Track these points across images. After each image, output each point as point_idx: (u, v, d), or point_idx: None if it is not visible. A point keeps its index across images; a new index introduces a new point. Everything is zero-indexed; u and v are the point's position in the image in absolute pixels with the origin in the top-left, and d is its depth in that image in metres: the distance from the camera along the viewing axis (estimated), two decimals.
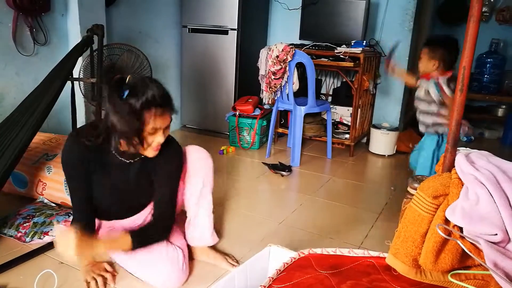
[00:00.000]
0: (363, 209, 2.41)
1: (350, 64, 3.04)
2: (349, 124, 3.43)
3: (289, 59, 2.86)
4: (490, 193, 0.83)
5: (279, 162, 3.03)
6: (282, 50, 2.86)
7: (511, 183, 0.84)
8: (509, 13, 4.26)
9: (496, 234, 0.80)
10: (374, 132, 3.46)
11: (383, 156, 3.44)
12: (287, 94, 3.05)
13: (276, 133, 3.69)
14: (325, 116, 3.45)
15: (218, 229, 2.10)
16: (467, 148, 1.05)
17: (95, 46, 2.27)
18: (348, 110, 3.51)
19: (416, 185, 0.99)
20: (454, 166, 0.96)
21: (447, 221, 0.88)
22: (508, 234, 0.79)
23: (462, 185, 0.90)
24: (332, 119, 3.54)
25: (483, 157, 0.94)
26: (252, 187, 2.67)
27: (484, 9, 4.37)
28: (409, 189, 1.05)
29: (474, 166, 0.91)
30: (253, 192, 2.60)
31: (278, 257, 1.33)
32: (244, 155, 3.32)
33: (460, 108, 0.94)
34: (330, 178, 2.90)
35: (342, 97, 3.58)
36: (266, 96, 3.13)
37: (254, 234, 2.03)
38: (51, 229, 1.80)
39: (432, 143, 2.26)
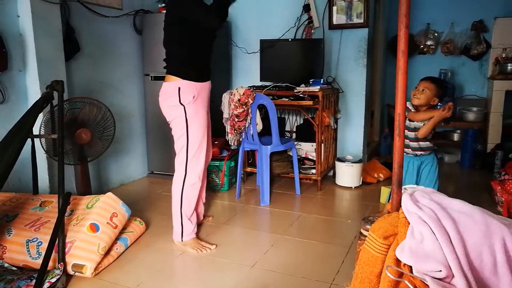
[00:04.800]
0: (334, 244, 2.44)
1: (309, 102, 3.16)
2: (315, 159, 3.52)
3: (251, 101, 2.95)
4: (433, 231, 0.89)
5: None
6: (243, 94, 2.95)
7: (450, 219, 0.91)
8: (453, 45, 4.59)
9: (441, 271, 0.84)
10: (339, 165, 3.56)
11: (350, 188, 3.53)
12: (252, 135, 3.12)
13: (245, 173, 3.72)
14: (291, 153, 3.52)
15: (190, 277, 2.08)
16: (414, 186, 1.11)
17: (55, 102, 2.27)
18: (312, 145, 3.61)
19: (368, 226, 1.04)
20: (401, 206, 1.02)
21: (398, 261, 0.93)
22: (451, 269, 0.84)
23: (409, 224, 0.95)
24: (298, 155, 3.63)
25: (426, 195, 1.00)
26: (222, 230, 2.66)
27: (430, 42, 4.70)
28: (362, 230, 1.09)
29: (418, 205, 0.97)
30: (223, 235, 2.59)
31: None
32: (214, 198, 3.31)
33: (400, 151, 1.01)
34: (300, 214, 2.93)
35: (305, 133, 3.69)
36: (231, 138, 3.19)
37: (226, 281, 2.02)
38: None
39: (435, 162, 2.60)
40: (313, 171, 3.50)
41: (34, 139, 2.37)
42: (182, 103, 2.20)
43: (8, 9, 2.56)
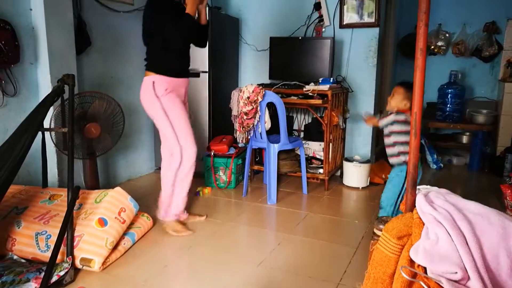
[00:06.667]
0: (341, 244, 2.43)
1: (318, 101, 3.15)
2: (322, 158, 3.50)
3: (260, 99, 2.94)
4: (448, 232, 0.88)
5: None
6: (253, 91, 2.94)
7: (466, 221, 0.89)
8: (464, 46, 4.55)
9: (456, 272, 0.83)
10: (346, 165, 3.54)
11: (357, 188, 3.51)
12: (260, 133, 3.11)
13: (252, 171, 3.72)
14: (298, 152, 3.52)
15: (197, 274, 2.08)
16: (427, 186, 1.10)
17: (66, 96, 2.28)
18: (320, 145, 3.60)
19: (381, 226, 1.03)
20: (415, 206, 1.00)
21: (412, 261, 0.92)
22: (467, 271, 0.83)
23: (423, 225, 0.94)
24: (306, 154, 3.61)
25: (440, 196, 0.99)
26: (229, 228, 2.66)
27: (441, 43, 4.66)
28: (375, 230, 1.08)
29: (433, 205, 0.95)
30: (230, 233, 2.59)
31: None
32: (220, 195, 3.31)
33: (416, 151, 1.00)
34: (307, 214, 2.92)
35: (313, 132, 3.68)
36: (239, 136, 3.18)
37: (232, 279, 2.01)
38: None
39: (401, 175, 2.33)
40: (321, 170, 3.48)
41: (45, 132, 2.38)
42: (157, 95, 2.39)
43: (21, 2, 2.57)
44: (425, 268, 0.90)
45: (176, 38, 2.35)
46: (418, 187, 1.07)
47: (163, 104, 2.39)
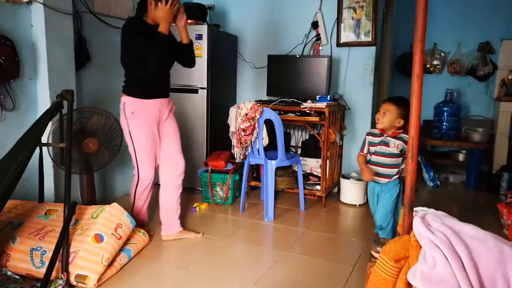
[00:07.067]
0: (338, 262, 2.42)
1: (315, 118, 3.17)
2: (319, 175, 3.51)
3: (258, 116, 2.96)
4: (445, 256, 0.88)
5: None
6: (251, 108, 2.96)
7: (463, 245, 0.90)
8: (459, 65, 4.62)
9: None
10: (344, 182, 3.55)
11: (354, 205, 3.51)
12: (258, 149, 3.13)
13: (249, 187, 3.71)
14: (295, 168, 3.52)
15: None
16: (424, 208, 1.11)
17: (64, 111, 2.29)
18: (317, 161, 3.61)
19: (378, 248, 1.03)
20: (412, 228, 1.01)
21: (409, 285, 0.92)
22: None
23: (421, 248, 0.95)
24: (303, 171, 3.62)
25: (437, 219, 1.00)
26: (226, 244, 2.65)
27: (436, 62, 4.72)
28: (372, 252, 1.09)
29: (430, 228, 0.96)
30: (227, 250, 2.57)
31: None
32: (217, 211, 3.30)
33: (413, 173, 1.01)
34: (304, 231, 2.91)
35: (311, 149, 3.69)
36: (237, 152, 3.19)
37: None
38: None
39: (395, 190, 2.35)
40: (318, 187, 3.48)
41: (42, 148, 2.38)
42: (125, 116, 2.49)
43: (22, 18, 2.60)
44: None
45: (151, 57, 2.38)
46: (415, 209, 1.08)
47: (129, 125, 2.49)
